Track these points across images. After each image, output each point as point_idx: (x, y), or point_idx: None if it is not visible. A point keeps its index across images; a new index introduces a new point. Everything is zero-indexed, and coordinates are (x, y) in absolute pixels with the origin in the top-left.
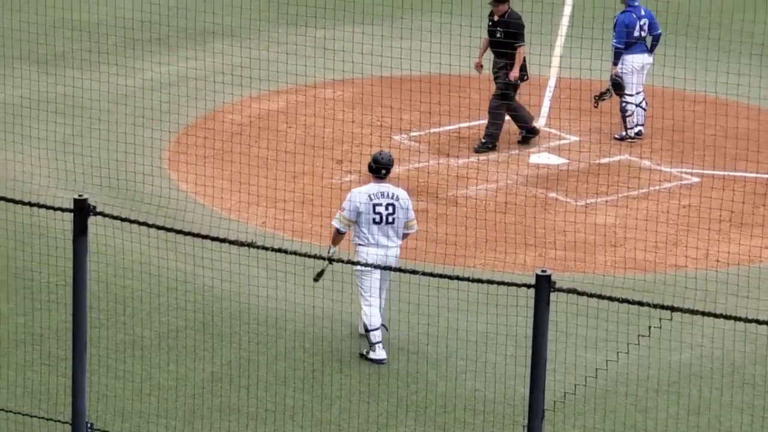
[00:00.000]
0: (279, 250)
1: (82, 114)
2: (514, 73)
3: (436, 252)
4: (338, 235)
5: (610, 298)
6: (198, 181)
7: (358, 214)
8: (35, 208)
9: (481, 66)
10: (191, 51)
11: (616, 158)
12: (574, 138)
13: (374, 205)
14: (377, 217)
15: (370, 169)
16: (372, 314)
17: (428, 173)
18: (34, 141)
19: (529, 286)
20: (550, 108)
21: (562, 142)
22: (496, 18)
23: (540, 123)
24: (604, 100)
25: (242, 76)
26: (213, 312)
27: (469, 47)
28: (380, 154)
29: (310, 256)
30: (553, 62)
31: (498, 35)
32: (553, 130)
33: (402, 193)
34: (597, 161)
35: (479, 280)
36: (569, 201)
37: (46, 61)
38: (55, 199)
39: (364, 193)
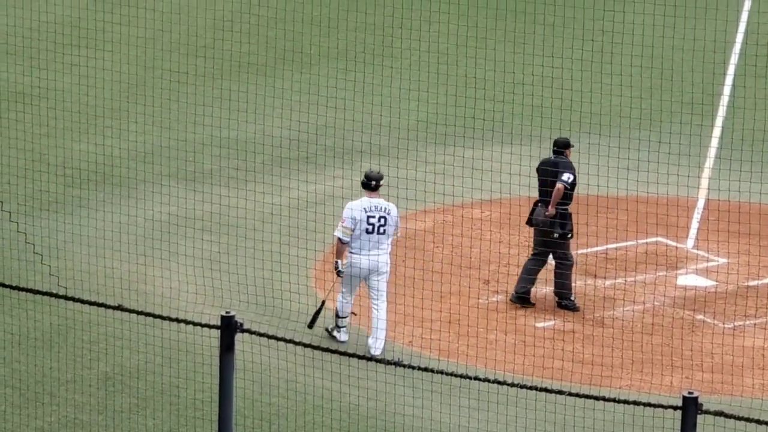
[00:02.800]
0: (425, 369)
1: (229, 232)
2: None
3: (582, 373)
4: (341, 245)
5: (758, 422)
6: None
7: (354, 224)
8: (182, 325)
9: None
10: (338, 170)
11: (766, 281)
12: (722, 260)
13: (368, 217)
14: (370, 228)
15: (363, 184)
16: (344, 303)
17: (575, 294)
18: (182, 258)
19: (675, 408)
20: (698, 230)
21: (710, 264)
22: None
23: (688, 245)
24: None
25: (389, 195)
26: (359, 430)
27: (617, 168)
28: (370, 170)
29: (457, 376)
30: (701, 184)
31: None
32: (701, 252)
33: (393, 208)
34: (746, 283)
35: (625, 401)
36: (717, 323)
37: (194, 178)
38: (202, 315)
39: (359, 206)
